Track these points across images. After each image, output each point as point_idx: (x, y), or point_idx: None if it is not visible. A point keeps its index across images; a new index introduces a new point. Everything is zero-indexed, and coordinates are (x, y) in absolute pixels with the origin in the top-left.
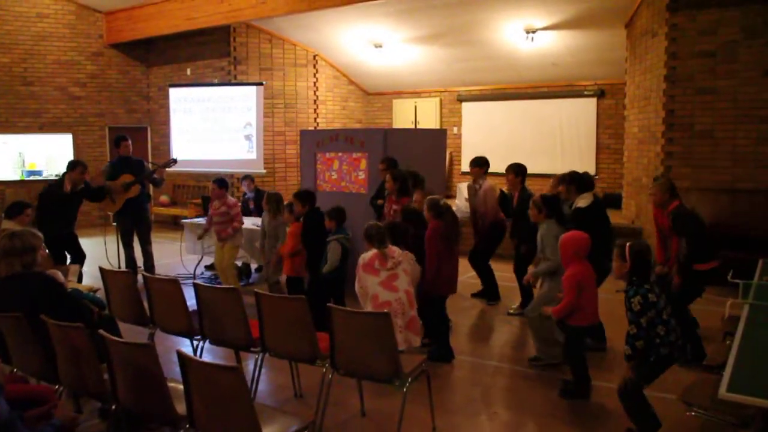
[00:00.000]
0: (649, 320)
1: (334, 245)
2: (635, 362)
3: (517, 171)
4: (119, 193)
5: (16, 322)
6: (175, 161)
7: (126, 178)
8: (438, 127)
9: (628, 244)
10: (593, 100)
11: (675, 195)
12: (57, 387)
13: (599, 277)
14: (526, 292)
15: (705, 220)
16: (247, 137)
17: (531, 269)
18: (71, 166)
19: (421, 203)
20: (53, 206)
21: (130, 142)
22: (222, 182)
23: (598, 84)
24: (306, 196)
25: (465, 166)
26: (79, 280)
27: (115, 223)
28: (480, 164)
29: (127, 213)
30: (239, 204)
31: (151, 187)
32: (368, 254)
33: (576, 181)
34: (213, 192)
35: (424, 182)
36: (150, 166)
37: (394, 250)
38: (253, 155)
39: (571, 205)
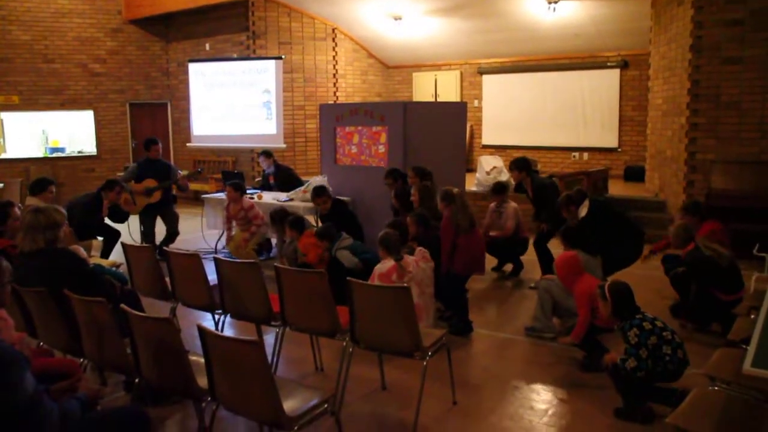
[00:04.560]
0: (653, 345)
1: (342, 254)
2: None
3: (520, 167)
4: (141, 197)
5: (41, 297)
6: (200, 172)
7: (149, 182)
8: (458, 100)
9: (606, 284)
10: (616, 72)
11: (690, 239)
12: (82, 360)
13: (615, 265)
14: (546, 265)
15: (734, 189)
16: (266, 104)
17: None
18: (109, 185)
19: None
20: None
21: (160, 146)
22: (237, 186)
23: (621, 55)
24: (321, 190)
25: (486, 140)
26: (108, 253)
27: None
28: (500, 191)
29: (149, 213)
30: (255, 206)
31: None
32: (386, 266)
33: (572, 201)
34: (228, 195)
35: (431, 176)
36: (179, 174)
37: (409, 263)
38: (271, 122)
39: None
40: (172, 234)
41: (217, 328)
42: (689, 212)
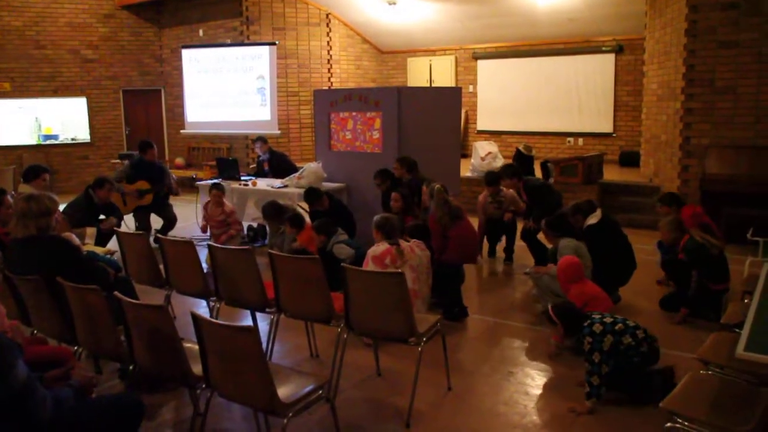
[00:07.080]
0: (610, 344)
1: (338, 247)
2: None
3: (512, 173)
4: (133, 198)
5: (34, 285)
6: (194, 180)
7: (142, 184)
8: (453, 85)
9: (549, 307)
10: (611, 56)
11: (683, 230)
12: (76, 348)
13: (616, 284)
14: (538, 252)
15: (728, 174)
16: (260, 90)
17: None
18: (99, 183)
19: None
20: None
21: (156, 149)
22: (221, 187)
23: (616, 39)
24: (314, 193)
25: (480, 125)
26: (104, 243)
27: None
28: (493, 182)
29: (141, 211)
30: (236, 211)
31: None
32: (381, 248)
33: (581, 211)
34: (213, 197)
35: (416, 165)
36: (172, 178)
37: (406, 248)
38: (265, 109)
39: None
40: (171, 221)
41: (211, 315)
42: (665, 203)
